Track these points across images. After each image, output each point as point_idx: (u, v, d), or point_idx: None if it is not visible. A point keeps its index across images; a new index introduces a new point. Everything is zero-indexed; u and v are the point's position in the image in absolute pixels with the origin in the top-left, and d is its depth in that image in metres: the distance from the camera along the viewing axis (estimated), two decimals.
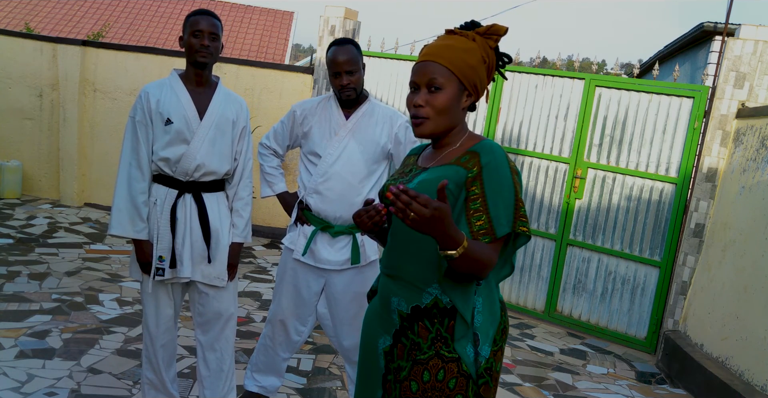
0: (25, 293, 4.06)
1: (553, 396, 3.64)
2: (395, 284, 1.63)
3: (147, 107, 2.39)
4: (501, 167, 1.52)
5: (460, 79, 1.59)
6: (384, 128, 2.68)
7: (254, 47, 16.92)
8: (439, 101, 1.57)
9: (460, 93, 1.60)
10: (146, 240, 2.44)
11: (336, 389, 3.29)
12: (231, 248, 2.56)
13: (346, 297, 2.72)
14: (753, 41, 4.21)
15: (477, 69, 1.60)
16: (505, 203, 1.50)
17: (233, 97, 2.54)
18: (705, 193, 4.38)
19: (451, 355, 1.52)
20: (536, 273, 5.10)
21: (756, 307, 3.53)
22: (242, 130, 2.56)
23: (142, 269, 2.48)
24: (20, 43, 6.55)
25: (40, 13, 17.24)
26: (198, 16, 2.40)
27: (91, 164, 6.61)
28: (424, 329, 1.55)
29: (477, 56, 1.59)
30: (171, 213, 2.44)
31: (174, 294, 2.57)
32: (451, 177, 1.53)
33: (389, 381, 1.62)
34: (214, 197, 2.52)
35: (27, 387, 2.89)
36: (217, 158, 2.46)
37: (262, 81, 6.29)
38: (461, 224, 1.51)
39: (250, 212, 2.63)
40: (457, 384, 1.51)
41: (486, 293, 1.57)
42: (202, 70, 2.43)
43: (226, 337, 2.62)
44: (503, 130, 5.24)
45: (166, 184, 2.46)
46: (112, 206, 2.44)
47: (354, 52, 2.56)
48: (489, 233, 1.49)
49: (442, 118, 1.59)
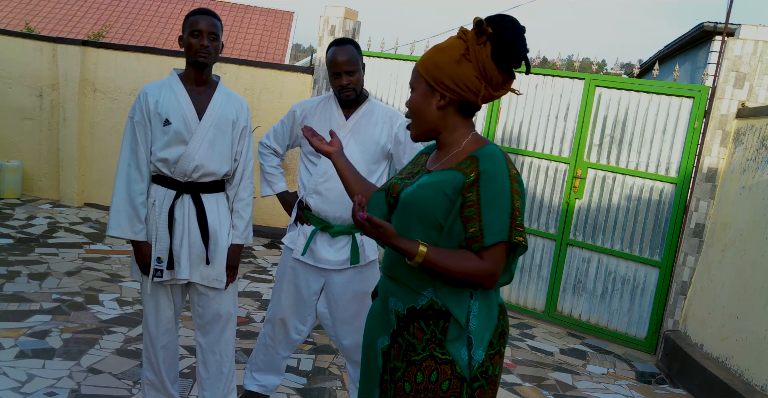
0: (25, 293, 4.06)
1: (553, 396, 3.64)
2: (393, 285, 1.63)
3: (145, 107, 2.38)
4: (499, 175, 1.50)
5: (426, 79, 1.58)
6: (384, 128, 2.68)
7: (254, 47, 16.92)
8: (410, 101, 1.64)
9: (429, 92, 1.59)
10: (144, 241, 2.43)
11: (336, 389, 3.29)
12: (231, 250, 2.53)
13: (345, 297, 2.72)
14: (753, 41, 4.21)
15: (445, 66, 1.55)
16: (498, 212, 1.48)
17: (234, 97, 2.52)
18: (705, 193, 4.38)
19: (445, 357, 1.52)
20: (536, 273, 5.10)
21: (756, 307, 3.53)
22: (243, 130, 2.53)
23: (141, 270, 2.48)
24: (20, 43, 6.55)
25: (40, 13, 17.24)
26: (197, 15, 2.37)
27: (91, 164, 6.61)
28: (419, 330, 1.55)
29: (452, 54, 1.54)
30: (169, 214, 2.42)
31: (174, 296, 2.55)
32: (449, 182, 1.53)
33: (385, 381, 1.62)
34: (214, 198, 2.50)
35: (27, 387, 2.89)
36: (217, 159, 2.44)
37: (262, 81, 6.29)
38: (457, 230, 1.51)
39: (251, 213, 2.60)
40: (451, 386, 1.51)
41: (483, 297, 1.56)
42: (202, 71, 2.41)
43: (226, 339, 2.60)
44: (503, 130, 5.24)
45: (165, 185, 2.44)
46: (110, 207, 2.43)
47: (354, 53, 2.56)
48: (478, 240, 1.48)
49: (416, 119, 1.64)
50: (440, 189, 1.53)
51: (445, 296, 1.53)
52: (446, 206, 1.52)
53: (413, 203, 1.57)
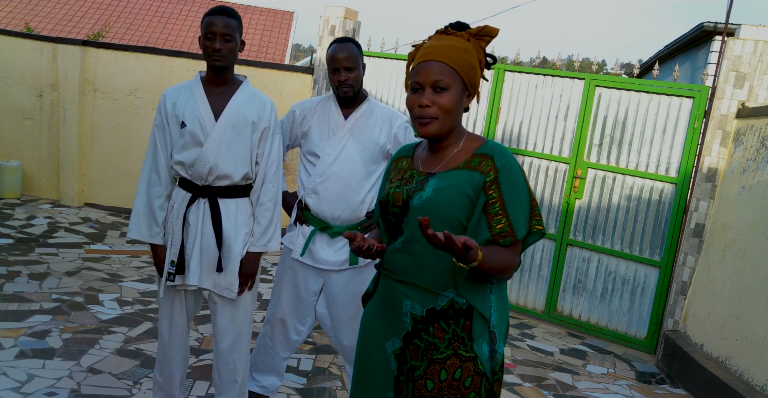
0: (25, 293, 4.06)
1: (553, 396, 3.64)
2: (408, 289, 1.62)
3: (164, 110, 2.36)
4: (515, 169, 1.56)
5: (464, 80, 1.59)
6: (383, 128, 2.68)
7: (254, 47, 16.91)
8: (445, 100, 1.57)
9: (463, 93, 1.61)
10: (161, 245, 2.41)
11: (336, 389, 3.29)
12: (246, 257, 2.42)
13: (344, 297, 2.72)
14: (753, 41, 4.21)
15: (476, 69, 1.62)
16: (522, 205, 1.55)
17: (258, 97, 2.42)
18: (705, 193, 4.38)
19: (469, 354, 1.55)
20: (536, 273, 5.10)
21: (756, 307, 3.53)
22: (264, 131, 2.41)
23: (158, 273, 2.45)
24: (20, 43, 6.55)
25: (40, 13, 17.24)
26: (212, 16, 2.29)
27: (91, 164, 6.61)
28: (439, 330, 1.58)
29: (475, 56, 1.61)
30: (184, 217, 2.38)
31: (187, 301, 2.50)
32: (468, 182, 1.56)
33: (401, 381, 1.63)
34: (234, 204, 2.40)
35: (27, 387, 2.89)
36: (232, 161, 2.34)
37: (262, 81, 6.29)
38: (481, 228, 1.54)
39: (271, 218, 2.45)
40: (473, 382, 1.55)
41: (498, 291, 1.62)
42: (220, 73, 2.35)
43: (240, 350, 2.52)
44: (503, 130, 5.24)
45: (185, 187, 2.40)
46: (132, 210, 2.42)
47: (354, 50, 2.57)
48: (510, 235, 1.54)
49: (448, 118, 1.59)
50: (460, 191, 1.56)
51: (469, 294, 1.56)
52: (468, 206, 1.55)
53: (433, 207, 1.57)
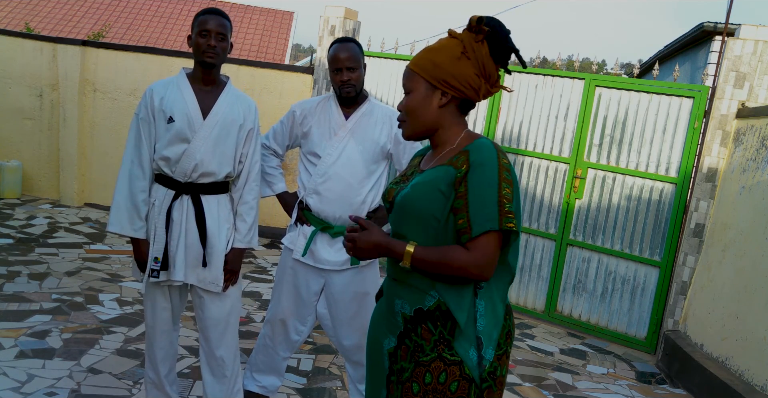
0: (25, 293, 4.06)
1: (553, 396, 3.64)
2: (399, 287, 1.64)
3: (150, 104, 2.37)
4: (487, 164, 1.50)
5: (426, 79, 1.60)
6: (384, 128, 2.68)
7: (254, 47, 16.92)
8: (407, 103, 1.64)
9: (430, 92, 1.61)
10: (144, 239, 2.42)
11: (336, 389, 3.29)
12: (232, 253, 2.49)
13: (345, 297, 2.72)
14: (753, 41, 4.21)
15: (445, 65, 1.58)
16: (485, 201, 1.48)
17: (242, 98, 2.49)
18: (705, 193, 4.38)
19: (453, 358, 1.52)
20: (536, 273, 5.10)
21: (756, 307, 3.53)
22: (249, 132, 2.49)
23: (139, 268, 2.47)
24: (20, 43, 6.55)
25: (40, 13, 17.24)
26: (207, 15, 2.35)
27: (91, 164, 6.61)
28: (426, 331, 1.56)
29: (450, 53, 1.58)
30: (167, 214, 2.41)
31: (171, 297, 2.53)
32: (442, 178, 1.54)
33: (392, 381, 1.62)
34: (215, 200, 2.47)
35: (27, 387, 2.89)
36: (217, 159, 2.41)
37: (262, 81, 6.29)
38: (451, 224, 1.53)
39: (255, 216, 2.55)
40: (459, 387, 1.51)
41: (488, 296, 1.57)
42: (210, 70, 2.39)
43: (227, 344, 2.56)
44: (503, 130, 5.24)
45: (166, 184, 2.43)
46: (111, 204, 2.42)
47: (356, 50, 2.57)
48: (466, 231, 1.49)
49: (414, 119, 1.64)
50: (434, 186, 1.54)
51: (447, 295, 1.53)
52: (442, 202, 1.53)
53: (409, 203, 1.58)
